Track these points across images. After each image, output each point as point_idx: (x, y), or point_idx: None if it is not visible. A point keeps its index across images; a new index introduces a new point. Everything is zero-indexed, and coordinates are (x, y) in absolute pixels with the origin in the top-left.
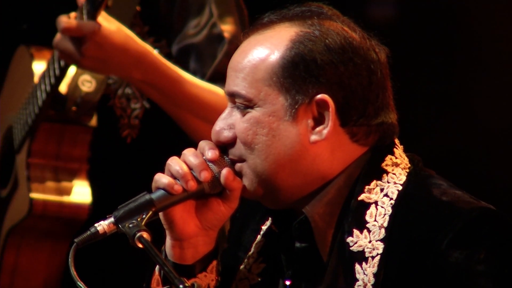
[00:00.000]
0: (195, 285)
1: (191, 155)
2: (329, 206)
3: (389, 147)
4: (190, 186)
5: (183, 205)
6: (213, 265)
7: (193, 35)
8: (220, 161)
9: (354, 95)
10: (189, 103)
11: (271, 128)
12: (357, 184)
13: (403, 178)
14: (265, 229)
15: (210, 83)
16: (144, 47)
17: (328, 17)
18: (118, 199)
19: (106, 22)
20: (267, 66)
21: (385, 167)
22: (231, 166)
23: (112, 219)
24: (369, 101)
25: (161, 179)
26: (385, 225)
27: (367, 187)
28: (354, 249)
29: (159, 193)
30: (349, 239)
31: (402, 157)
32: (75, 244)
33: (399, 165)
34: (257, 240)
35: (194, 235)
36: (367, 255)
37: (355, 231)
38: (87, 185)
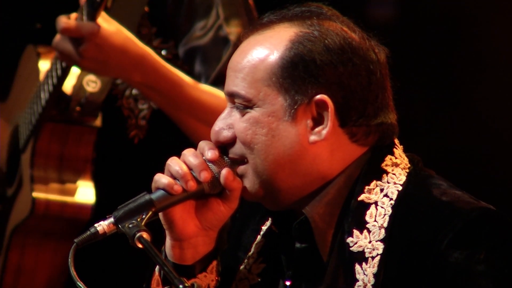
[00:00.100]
0: (195, 285)
1: (190, 155)
2: (329, 206)
3: (389, 147)
4: (190, 186)
5: (183, 205)
6: (213, 265)
7: (199, 37)
8: (220, 161)
9: (354, 95)
10: (189, 105)
11: (271, 128)
12: (357, 184)
13: (403, 178)
14: (265, 229)
15: (214, 85)
16: (143, 49)
17: (328, 18)
18: (126, 199)
19: (106, 24)
20: (267, 66)
21: (385, 167)
22: (231, 166)
23: (112, 219)
24: (369, 101)
25: (160, 179)
26: (385, 225)
27: (367, 187)
28: (354, 249)
29: (159, 193)
30: (349, 239)
31: (402, 157)
32: (75, 244)
33: (399, 165)
34: (257, 240)
35: (194, 235)
36: (367, 255)
37: (355, 232)
38: (91, 186)
